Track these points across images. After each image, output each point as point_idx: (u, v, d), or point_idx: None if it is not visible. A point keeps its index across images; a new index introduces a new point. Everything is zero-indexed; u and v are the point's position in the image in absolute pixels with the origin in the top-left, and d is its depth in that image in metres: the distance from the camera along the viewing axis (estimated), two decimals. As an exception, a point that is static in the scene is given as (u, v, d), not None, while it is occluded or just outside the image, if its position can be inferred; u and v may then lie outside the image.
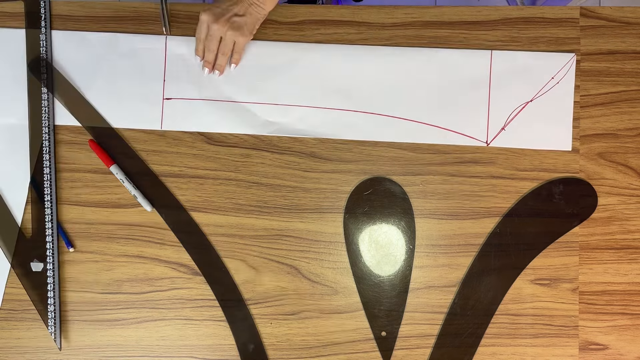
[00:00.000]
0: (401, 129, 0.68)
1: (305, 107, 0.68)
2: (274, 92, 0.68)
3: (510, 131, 0.67)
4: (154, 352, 0.68)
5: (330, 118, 0.68)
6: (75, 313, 0.68)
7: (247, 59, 0.68)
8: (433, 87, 0.67)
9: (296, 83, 0.68)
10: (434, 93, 0.67)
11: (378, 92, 0.68)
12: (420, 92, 0.67)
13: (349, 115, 0.68)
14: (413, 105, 0.67)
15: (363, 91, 0.68)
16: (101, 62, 0.68)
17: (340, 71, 0.68)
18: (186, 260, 0.68)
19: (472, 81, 0.67)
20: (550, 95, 0.67)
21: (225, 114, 0.68)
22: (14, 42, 0.68)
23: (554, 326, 0.67)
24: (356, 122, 0.68)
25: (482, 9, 0.68)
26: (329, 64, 0.68)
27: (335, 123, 0.68)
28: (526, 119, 0.67)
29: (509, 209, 0.68)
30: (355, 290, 0.68)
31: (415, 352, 0.67)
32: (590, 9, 0.68)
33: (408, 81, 0.67)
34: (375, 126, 0.68)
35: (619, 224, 0.68)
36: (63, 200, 0.68)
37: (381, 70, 0.67)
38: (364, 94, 0.68)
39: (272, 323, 0.68)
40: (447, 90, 0.67)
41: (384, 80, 0.67)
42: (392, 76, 0.67)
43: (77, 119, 0.68)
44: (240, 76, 0.68)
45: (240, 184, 0.68)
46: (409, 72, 0.67)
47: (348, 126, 0.68)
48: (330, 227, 0.68)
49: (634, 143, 0.68)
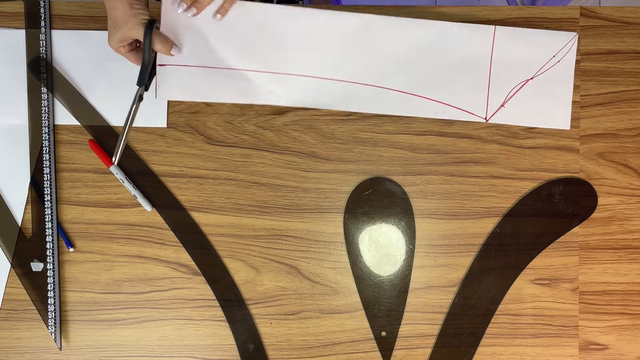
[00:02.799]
0: (401, 102, 0.67)
1: (305, 76, 0.66)
2: (272, 60, 0.65)
3: (510, 107, 0.67)
4: (154, 352, 0.68)
5: (329, 89, 0.66)
6: (75, 313, 0.68)
7: (246, 22, 0.64)
8: (434, 62, 0.66)
9: (297, 51, 0.65)
10: (435, 67, 0.66)
11: (379, 64, 0.66)
12: (421, 66, 0.66)
13: (349, 87, 0.66)
14: (414, 79, 0.66)
15: (364, 62, 0.66)
16: (101, 60, 0.68)
17: (343, 40, 0.66)
18: (186, 260, 0.68)
19: (474, 57, 0.66)
20: (551, 74, 0.66)
21: (222, 82, 0.65)
22: (14, 42, 0.68)
23: (554, 326, 0.67)
24: (356, 93, 0.66)
25: (482, 9, 0.68)
26: (332, 31, 0.65)
27: (335, 94, 0.66)
28: (526, 96, 0.67)
29: (509, 209, 0.68)
30: (355, 290, 0.68)
31: (415, 352, 0.68)
32: (590, 9, 0.68)
33: (409, 54, 0.66)
34: (376, 98, 0.66)
35: (619, 224, 0.68)
36: (63, 200, 0.68)
37: (384, 41, 0.66)
38: (365, 65, 0.66)
39: (272, 323, 0.68)
40: (449, 65, 0.66)
41: (386, 53, 0.66)
42: (393, 48, 0.66)
43: (77, 118, 0.68)
44: (238, 41, 0.64)
45: (240, 184, 0.68)
46: (410, 45, 0.66)
47: (348, 97, 0.66)
48: (330, 227, 0.68)
49: (634, 143, 0.68)
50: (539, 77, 0.67)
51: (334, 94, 0.66)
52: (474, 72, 0.67)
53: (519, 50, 0.66)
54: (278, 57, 0.65)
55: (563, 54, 0.66)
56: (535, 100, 0.67)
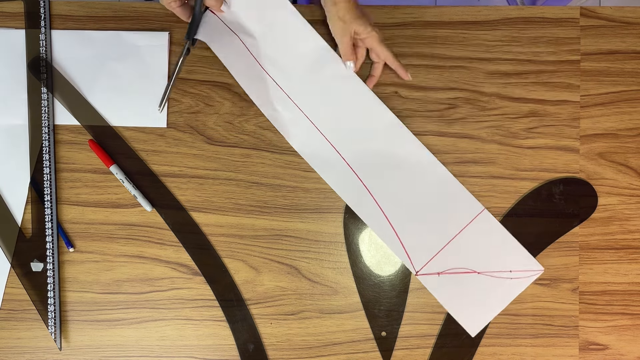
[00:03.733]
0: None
1: (314, 126, 0.67)
2: (298, 92, 0.67)
3: (443, 278, 0.66)
4: (153, 352, 0.68)
5: (316, 141, 0.67)
6: (75, 313, 0.68)
7: (277, 28, 0.66)
8: (419, 201, 0.66)
9: (323, 104, 0.67)
10: (419, 206, 0.66)
11: (382, 173, 0.67)
12: (407, 199, 0.66)
13: (331, 151, 0.67)
14: (400, 210, 0.67)
15: (372, 161, 0.67)
16: (101, 60, 0.68)
17: (374, 131, 0.66)
18: (186, 260, 0.68)
19: (455, 212, 0.66)
20: (498, 283, 0.66)
21: (246, 66, 0.67)
22: (14, 42, 0.68)
23: (554, 326, 0.67)
24: (350, 181, 0.67)
25: (482, 9, 0.68)
26: (370, 117, 0.66)
27: (318, 151, 0.67)
28: (459, 283, 0.66)
29: (509, 209, 0.68)
30: (355, 290, 0.68)
31: (415, 352, 0.67)
32: (590, 9, 0.68)
33: (407, 179, 0.66)
34: (358, 198, 0.67)
35: (619, 224, 0.68)
36: (63, 200, 0.68)
37: (396, 152, 0.67)
38: (372, 164, 0.67)
39: (272, 323, 0.68)
40: (429, 208, 0.67)
41: (390, 163, 0.67)
42: (398, 164, 0.66)
43: (77, 118, 0.68)
44: (271, 43, 0.66)
45: (240, 184, 0.68)
46: (409, 172, 0.66)
47: (326, 161, 0.67)
48: (330, 227, 0.68)
49: (634, 143, 0.68)
50: (489, 280, 0.66)
51: (318, 146, 0.67)
52: (438, 224, 0.66)
53: (488, 241, 0.66)
54: (304, 93, 0.67)
55: (519, 276, 0.66)
56: (470, 297, 0.66)
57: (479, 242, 0.66)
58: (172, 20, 0.69)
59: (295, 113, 0.67)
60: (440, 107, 0.68)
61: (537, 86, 0.68)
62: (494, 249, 0.66)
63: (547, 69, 0.68)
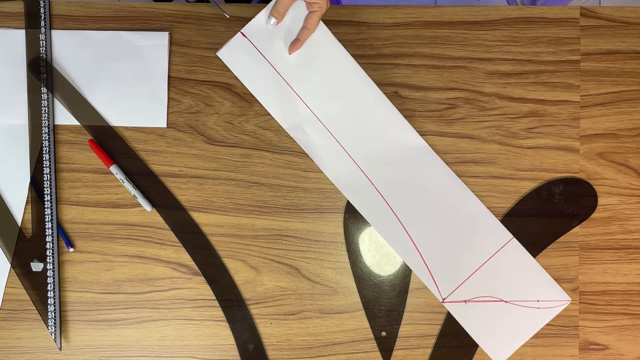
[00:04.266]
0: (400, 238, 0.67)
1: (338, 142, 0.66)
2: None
3: (470, 307, 0.66)
4: (153, 352, 0.68)
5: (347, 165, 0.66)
6: (75, 313, 0.68)
7: (311, 44, 0.65)
8: (445, 222, 0.66)
9: (348, 124, 0.66)
10: (444, 228, 0.66)
11: (407, 198, 0.67)
12: (432, 223, 0.66)
13: (359, 175, 0.66)
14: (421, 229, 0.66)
15: (400, 185, 0.66)
16: (101, 60, 0.68)
17: (400, 152, 0.66)
18: (186, 260, 0.68)
19: (483, 244, 0.66)
20: (527, 315, 0.66)
21: (273, 86, 0.65)
22: (14, 42, 0.68)
23: (554, 326, 0.67)
24: (363, 190, 0.66)
25: (482, 9, 0.68)
26: (398, 140, 0.66)
27: (346, 174, 0.67)
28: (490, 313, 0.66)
29: (509, 209, 0.68)
30: (355, 290, 0.68)
31: (415, 352, 0.67)
32: (590, 9, 0.68)
33: (430, 201, 0.66)
34: (374, 208, 0.67)
35: (619, 224, 0.68)
36: (63, 200, 0.68)
37: (420, 178, 0.66)
38: (395, 182, 0.66)
39: (272, 323, 0.68)
40: (457, 231, 0.67)
41: (414, 191, 0.66)
42: (420, 188, 0.66)
43: (77, 118, 0.68)
44: (297, 56, 0.65)
45: (240, 184, 0.68)
46: (437, 195, 0.66)
47: (353, 185, 0.66)
48: (330, 227, 0.68)
49: (634, 143, 0.68)
50: (516, 309, 0.66)
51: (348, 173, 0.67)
52: (469, 253, 0.66)
53: (516, 270, 0.66)
54: (328, 110, 0.66)
55: (546, 306, 0.66)
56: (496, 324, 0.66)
57: (507, 270, 0.66)
58: (172, 20, 0.69)
59: (326, 137, 0.66)
60: (440, 107, 0.68)
61: (537, 86, 0.68)
62: (521, 278, 0.66)
63: (547, 69, 0.68)
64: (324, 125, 0.66)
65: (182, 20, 0.69)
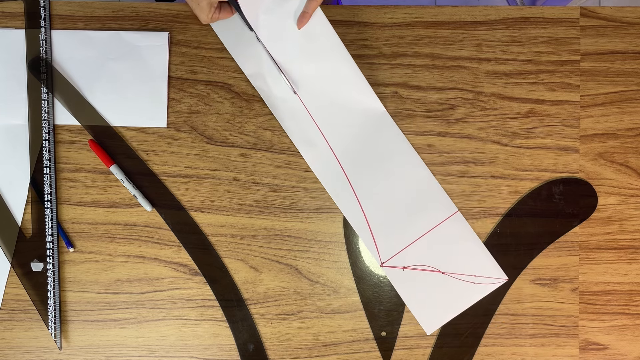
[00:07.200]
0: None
1: (304, 105, 0.67)
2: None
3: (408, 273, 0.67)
4: (153, 352, 0.68)
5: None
6: (75, 313, 0.68)
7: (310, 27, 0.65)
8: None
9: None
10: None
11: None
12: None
13: (317, 135, 0.67)
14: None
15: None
16: (101, 60, 0.68)
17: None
18: (186, 260, 0.68)
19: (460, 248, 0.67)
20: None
21: (262, 63, 0.66)
22: (14, 42, 0.68)
23: (554, 326, 0.67)
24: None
25: (482, 9, 0.68)
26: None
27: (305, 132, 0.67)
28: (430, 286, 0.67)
29: (509, 209, 0.68)
30: (355, 290, 0.68)
31: (415, 352, 0.68)
32: (590, 9, 0.68)
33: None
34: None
35: (619, 224, 0.68)
36: (63, 200, 0.68)
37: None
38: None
39: (272, 323, 0.68)
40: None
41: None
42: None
43: (77, 118, 0.68)
44: (292, 38, 0.65)
45: (240, 184, 0.68)
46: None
47: (309, 141, 0.67)
48: (330, 227, 0.68)
49: (634, 143, 0.68)
50: (452, 281, 0.66)
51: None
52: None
53: (457, 242, 0.67)
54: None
55: (482, 281, 0.67)
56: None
57: (448, 243, 0.67)
58: (172, 20, 0.69)
59: (287, 92, 0.67)
60: (440, 107, 0.68)
61: (537, 86, 0.68)
62: (461, 252, 0.67)
63: (547, 69, 0.68)
64: (286, 79, 0.66)
65: (182, 20, 0.69)
